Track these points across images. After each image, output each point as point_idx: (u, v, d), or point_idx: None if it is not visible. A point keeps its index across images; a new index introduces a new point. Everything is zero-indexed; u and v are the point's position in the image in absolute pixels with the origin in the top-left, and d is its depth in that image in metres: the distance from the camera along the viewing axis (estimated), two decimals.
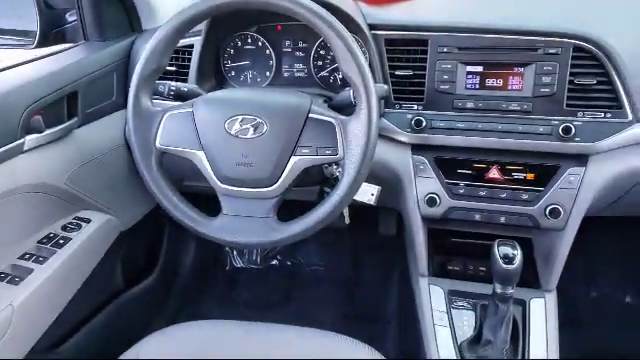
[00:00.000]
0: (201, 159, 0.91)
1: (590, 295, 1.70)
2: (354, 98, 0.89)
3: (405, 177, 1.13)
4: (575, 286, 1.71)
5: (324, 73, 1.22)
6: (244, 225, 0.90)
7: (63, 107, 1.12)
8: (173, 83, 1.05)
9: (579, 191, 1.04)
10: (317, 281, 1.91)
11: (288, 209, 1.00)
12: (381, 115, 1.11)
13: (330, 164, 1.01)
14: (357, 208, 1.93)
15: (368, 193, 1.12)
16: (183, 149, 0.91)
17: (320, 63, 1.22)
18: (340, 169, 0.88)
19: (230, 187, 0.90)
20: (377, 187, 1.11)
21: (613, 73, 0.99)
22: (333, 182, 1.08)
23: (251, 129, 0.87)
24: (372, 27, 1.11)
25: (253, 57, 1.26)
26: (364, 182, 1.11)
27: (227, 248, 2.03)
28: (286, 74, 1.25)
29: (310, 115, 0.87)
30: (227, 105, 0.90)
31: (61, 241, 1.10)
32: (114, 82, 1.26)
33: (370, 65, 1.11)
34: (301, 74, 1.24)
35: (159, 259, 1.70)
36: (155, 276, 1.65)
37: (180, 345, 0.90)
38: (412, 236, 1.18)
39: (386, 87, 1.00)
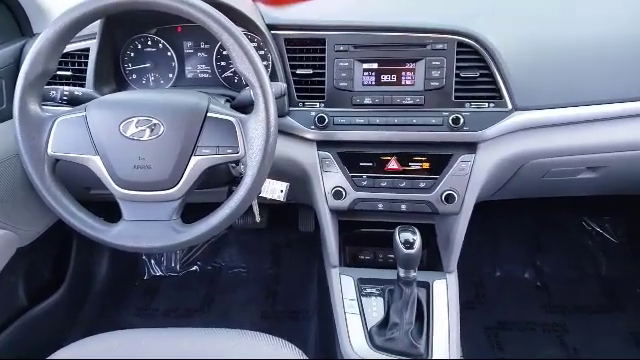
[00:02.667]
0: (97, 164, 0.88)
1: (495, 274, 1.83)
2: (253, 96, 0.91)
3: (312, 172, 1.17)
4: (482, 267, 1.84)
5: (228, 73, 1.23)
6: (146, 230, 0.88)
7: None
8: (66, 88, 1.01)
9: (471, 176, 1.11)
10: (239, 283, 1.91)
11: (199, 212, 1.00)
12: (286, 113, 1.14)
13: (234, 163, 1.01)
14: (276, 207, 1.95)
15: (277, 190, 1.14)
16: (77, 155, 0.88)
17: (223, 63, 1.22)
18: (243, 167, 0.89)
19: (129, 191, 0.88)
20: (286, 184, 1.13)
21: (493, 67, 1.07)
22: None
23: (147, 131, 0.86)
24: (271, 27, 1.13)
25: (154, 59, 1.23)
26: (273, 180, 1.15)
27: (144, 257, 1.98)
28: (190, 75, 1.24)
29: (209, 114, 0.88)
30: (121, 107, 0.88)
31: None
32: (3, 89, 1.19)
33: (272, 65, 1.13)
34: (205, 75, 1.24)
35: (67, 273, 1.61)
36: (63, 291, 1.57)
37: (95, 355, 0.87)
38: (322, 229, 1.21)
39: (284, 85, 1.02)
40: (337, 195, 1.15)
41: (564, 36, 1.12)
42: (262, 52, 1.16)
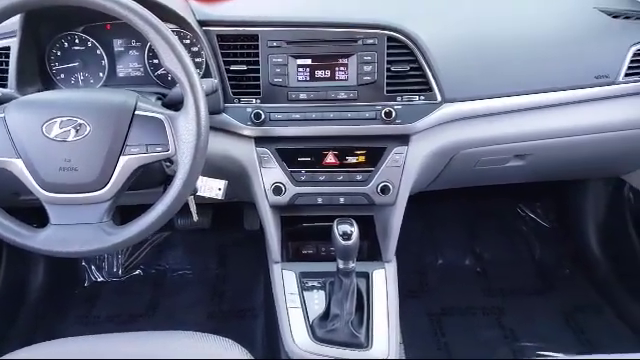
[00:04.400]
0: (19, 167, 0.85)
1: (437, 263, 1.89)
2: None
3: (251, 169, 1.16)
4: (424, 256, 1.90)
5: (161, 71, 1.20)
6: (75, 233, 0.86)
7: None
8: None
9: (404, 168, 1.14)
10: (184, 285, 1.88)
11: (138, 214, 0.97)
12: (222, 110, 1.13)
13: (167, 161, 1.00)
14: (220, 206, 1.93)
15: (215, 188, 1.13)
16: None
17: (156, 61, 1.19)
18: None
19: (55, 194, 0.85)
20: (224, 181, 1.13)
21: (422, 61, 1.10)
22: None
23: (72, 131, 0.84)
24: (203, 23, 1.12)
25: (83, 58, 1.19)
26: (210, 178, 1.14)
27: (83, 262, 1.91)
28: (121, 74, 1.20)
29: (137, 112, 0.86)
30: (43, 108, 0.85)
31: None
32: None
33: (205, 61, 1.12)
34: (137, 73, 1.21)
35: None
36: None
37: None
38: (263, 225, 1.21)
39: (216, 81, 1.02)
40: (277, 191, 1.16)
41: (489, 32, 1.18)
42: (196, 49, 1.15)
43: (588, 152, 1.29)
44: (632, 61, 1.19)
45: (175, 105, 0.99)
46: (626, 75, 1.19)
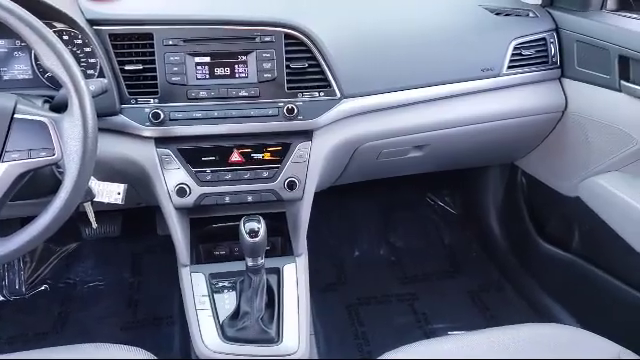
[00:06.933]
0: None
1: (354, 255, 1.94)
2: None
3: (152, 171, 1.13)
4: (341, 249, 1.94)
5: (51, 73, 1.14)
6: None
7: None
8: None
9: (309, 162, 1.16)
10: (96, 297, 1.79)
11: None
12: (118, 111, 1.09)
13: (55, 166, 0.95)
14: (131, 213, 1.86)
15: (114, 193, 1.08)
16: None
17: None
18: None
19: None
20: (123, 185, 1.08)
21: (320, 58, 1.13)
22: None
23: None
24: (93, 23, 1.08)
25: None
26: (108, 182, 1.09)
27: None
28: (6, 77, 1.13)
29: (16, 116, 0.81)
30: None
31: None
32: None
33: (98, 62, 1.07)
34: (25, 76, 1.13)
35: None
36: None
37: None
38: (169, 228, 1.18)
39: (105, 81, 0.98)
40: (181, 192, 1.13)
41: (382, 31, 1.23)
42: (89, 49, 1.10)
43: (480, 141, 1.38)
44: (513, 55, 1.29)
45: (65, 107, 0.94)
46: (509, 68, 1.29)
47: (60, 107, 0.94)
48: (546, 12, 1.39)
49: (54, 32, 0.86)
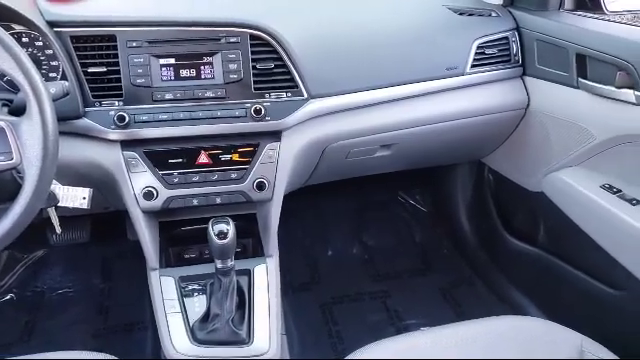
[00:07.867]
0: None
1: (327, 254, 1.95)
2: None
3: (118, 175, 1.12)
4: (315, 249, 1.94)
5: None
6: None
7: None
8: None
9: (278, 163, 1.17)
10: (66, 305, 1.75)
11: None
12: (81, 114, 1.07)
13: (15, 171, 0.92)
14: (100, 218, 1.83)
15: (79, 197, 1.06)
16: None
17: None
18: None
19: None
20: (88, 190, 1.06)
21: (286, 58, 1.13)
22: None
23: None
24: (53, 24, 1.06)
25: None
26: (73, 186, 1.07)
27: None
28: None
29: None
30: None
31: None
32: None
33: (60, 64, 1.06)
34: None
35: None
36: None
37: None
38: (137, 232, 1.17)
39: (66, 83, 0.97)
40: (148, 196, 1.12)
41: (347, 32, 1.24)
42: (50, 51, 1.08)
43: (446, 139, 1.40)
44: (477, 54, 1.32)
45: (24, 111, 0.92)
46: (472, 66, 1.32)
47: (19, 110, 0.92)
48: (507, 12, 1.42)
49: (12, 34, 0.85)
